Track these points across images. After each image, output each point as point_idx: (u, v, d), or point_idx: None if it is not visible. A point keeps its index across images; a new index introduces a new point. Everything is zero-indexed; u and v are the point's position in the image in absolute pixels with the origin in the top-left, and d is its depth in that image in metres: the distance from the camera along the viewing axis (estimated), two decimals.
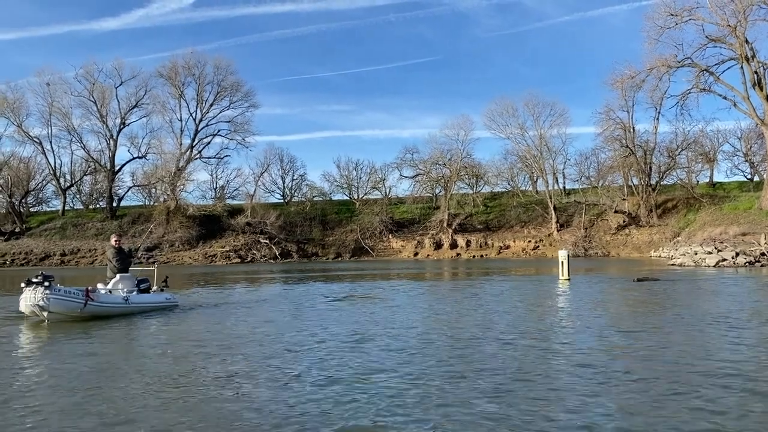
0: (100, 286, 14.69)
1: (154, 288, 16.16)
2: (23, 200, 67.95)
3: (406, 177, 74.85)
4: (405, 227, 69.29)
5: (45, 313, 12.58)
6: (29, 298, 12.61)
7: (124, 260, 15.36)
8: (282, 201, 75.49)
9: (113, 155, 68.12)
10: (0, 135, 66.03)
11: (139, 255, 20.72)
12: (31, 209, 71.07)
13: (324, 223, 69.11)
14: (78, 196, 74.32)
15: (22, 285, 12.81)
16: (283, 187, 77.21)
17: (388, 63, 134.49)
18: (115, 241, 15.69)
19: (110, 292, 14.47)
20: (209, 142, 70.70)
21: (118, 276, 14.97)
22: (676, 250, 44.33)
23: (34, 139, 66.48)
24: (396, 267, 43.65)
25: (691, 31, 51.22)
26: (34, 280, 12.66)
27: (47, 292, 12.55)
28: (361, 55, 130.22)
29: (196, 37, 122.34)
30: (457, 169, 69.25)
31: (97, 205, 72.21)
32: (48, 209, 72.36)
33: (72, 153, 69.82)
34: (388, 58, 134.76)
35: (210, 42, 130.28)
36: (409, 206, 71.74)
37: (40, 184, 71.50)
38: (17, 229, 62.82)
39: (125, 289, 14.68)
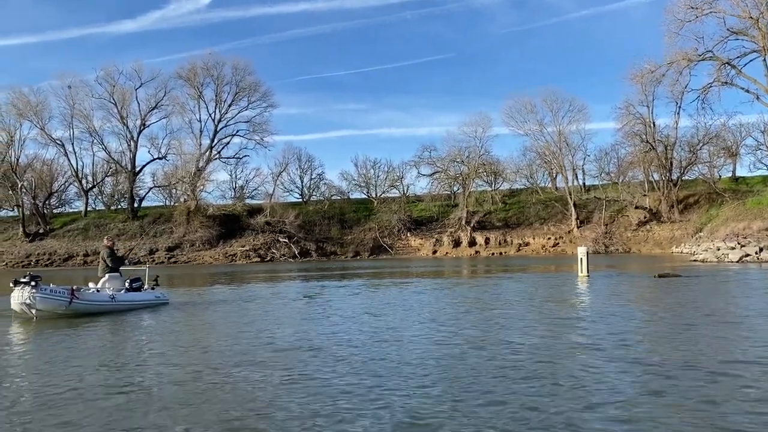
0: (91, 285, 15.48)
1: (146, 287, 16.76)
2: (47, 202, 68.93)
3: (423, 175, 74.95)
4: (423, 225, 69.28)
5: (33, 311, 13.38)
6: (17, 297, 13.46)
7: (115, 260, 16.07)
8: (300, 200, 75.80)
9: (134, 156, 69.00)
10: (24, 137, 67.17)
11: (133, 257, 21.68)
12: (55, 210, 72.02)
13: (342, 222, 69.31)
14: (100, 197, 75.35)
15: (11, 284, 13.64)
16: (302, 186, 77.64)
17: (403, 61, 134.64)
18: (110, 242, 16.62)
19: (98, 290, 15.16)
20: (228, 143, 71.37)
21: (106, 276, 15.69)
22: (698, 245, 43.81)
23: (57, 142, 67.50)
24: (414, 265, 43.65)
25: (711, 24, 50.29)
26: (22, 280, 13.48)
27: (33, 291, 13.34)
28: (377, 53, 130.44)
29: (213, 37, 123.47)
30: (476, 167, 69.07)
31: (119, 206, 73.03)
32: (71, 210, 73.35)
33: (93, 155, 70.78)
34: (403, 56, 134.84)
35: (226, 42, 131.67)
36: (427, 204, 71.69)
37: (62, 186, 72.62)
38: (41, 230, 63.81)
39: (112, 288, 15.34)
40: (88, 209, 70.23)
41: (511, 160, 73.99)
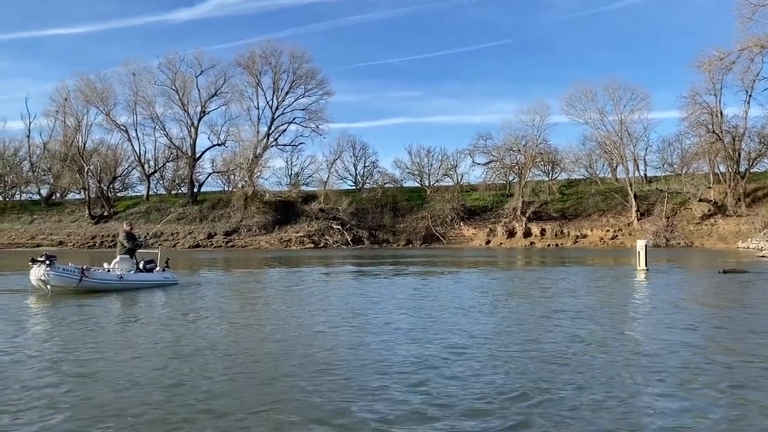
0: (105, 265, 17.33)
1: (158, 268, 18.34)
2: (111, 185, 71.68)
3: (478, 164, 73.88)
4: (477, 215, 68.58)
5: (48, 286, 14.91)
6: (35, 274, 15.00)
7: (131, 243, 17.52)
8: (354, 188, 76.15)
9: (194, 142, 70.71)
10: (90, 123, 69.89)
11: (150, 242, 22.99)
12: (118, 194, 74.78)
13: (395, 210, 69.27)
14: (161, 181, 77.67)
15: (29, 263, 15.16)
16: (355, 174, 77.86)
17: (459, 48, 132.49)
18: (129, 226, 18.21)
19: (109, 270, 16.86)
20: (285, 130, 72.29)
21: (118, 257, 17.28)
22: (767, 241, 41.96)
23: (121, 127, 69.90)
24: (467, 255, 43.28)
25: None
26: (39, 259, 15.02)
27: (48, 269, 14.85)
28: (432, 39, 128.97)
29: (269, 25, 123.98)
30: (533, 156, 67.78)
31: (179, 191, 75.16)
32: (133, 194, 76.00)
33: (155, 140, 73.14)
34: (458, 42, 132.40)
35: (282, 30, 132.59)
36: (481, 193, 70.77)
37: (126, 170, 75.44)
38: (105, 213, 66.38)
39: (122, 269, 16.95)
40: (150, 193, 72.46)
41: (570, 149, 72.05)
